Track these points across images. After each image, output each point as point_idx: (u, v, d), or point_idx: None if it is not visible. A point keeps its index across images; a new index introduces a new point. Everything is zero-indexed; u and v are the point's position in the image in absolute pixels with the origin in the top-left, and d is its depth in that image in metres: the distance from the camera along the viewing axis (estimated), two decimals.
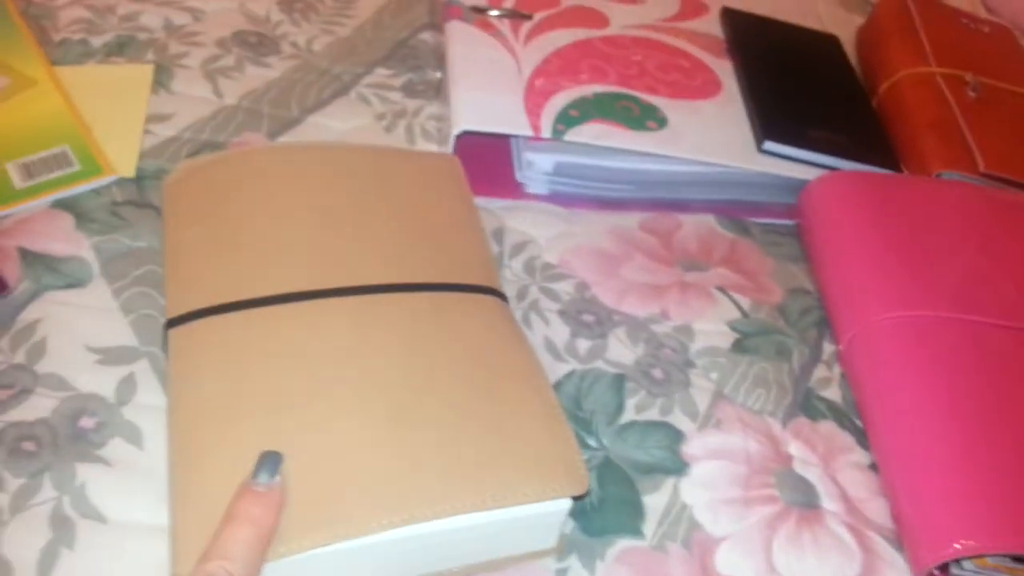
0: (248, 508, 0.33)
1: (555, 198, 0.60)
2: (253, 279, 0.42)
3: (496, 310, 0.45)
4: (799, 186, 0.60)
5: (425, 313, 0.43)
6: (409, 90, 0.66)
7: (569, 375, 0.49)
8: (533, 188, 0.60)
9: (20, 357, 0.44)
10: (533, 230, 0.58)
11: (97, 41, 0.63)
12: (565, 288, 0.54)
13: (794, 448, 0.48)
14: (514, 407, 0.40)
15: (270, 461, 0.35)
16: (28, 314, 0.46)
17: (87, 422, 0.42)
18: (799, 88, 0.66)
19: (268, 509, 0.34)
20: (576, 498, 0.38)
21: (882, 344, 0.50)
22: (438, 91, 0.66)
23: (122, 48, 0.63)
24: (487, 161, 0.60)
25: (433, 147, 0.61)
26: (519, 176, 0.60)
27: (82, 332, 0.46)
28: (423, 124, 0.63)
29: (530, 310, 0.52)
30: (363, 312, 0.42)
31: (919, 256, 0.54)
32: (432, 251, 0.46)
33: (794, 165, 0.61)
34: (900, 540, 0.44)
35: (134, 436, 0.42)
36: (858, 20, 0.81)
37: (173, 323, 0.41)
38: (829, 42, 0.74)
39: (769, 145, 0.60)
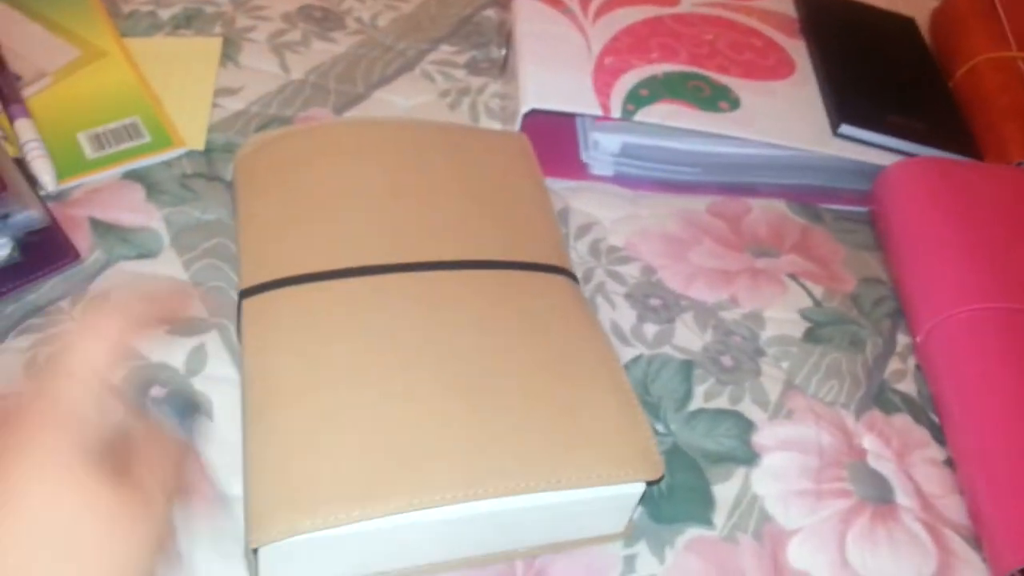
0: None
1: (620, 180, 0.59)
2: (326, 251, 0.42)
3: (567, 290, 0.44)
4: (873, 172, 0.59)
5: (497, 291, 0.42)
6: (473, 68, 0.65)
7: (636, 359, 0.48)
8: (598, 169, 0.59)
9: None
10: (598, 212, 0.57)
11: (165, 13, 0.63)
12: (631, 271, 0.53)
13: (867, 441, 0.46)
14: (587, 387, 0.39)
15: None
16: (100, 284, 0.46)
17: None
18: (876, 71, 0.64)
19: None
20: (649, 483, 0.37)
21: (961, 337, 0.48)
22: (502, 69, 0.65)
23: (190, 21, 0.63)
24: (551, 140, 0.59)
25: (497, 125, 0.61)
26: (584, 156, 0.59)
27: None
28: (487, 102, 0.62)
29: (596, 293, 0.51)
30: (436, 288, 0.41)
31: (1000, 247, 0.52)
32: (503, 228, 0.46)
33: (870, 150, 0.59)
34: (978, 540, 0.43)
35: (205, 407, 0.42)
36: (931, 2, 0.78)
37: (247, 293, 0.41)
38: (905, 24, 0.71)
39: (845, 129, 0.58)
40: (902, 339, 0.52)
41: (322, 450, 0.35)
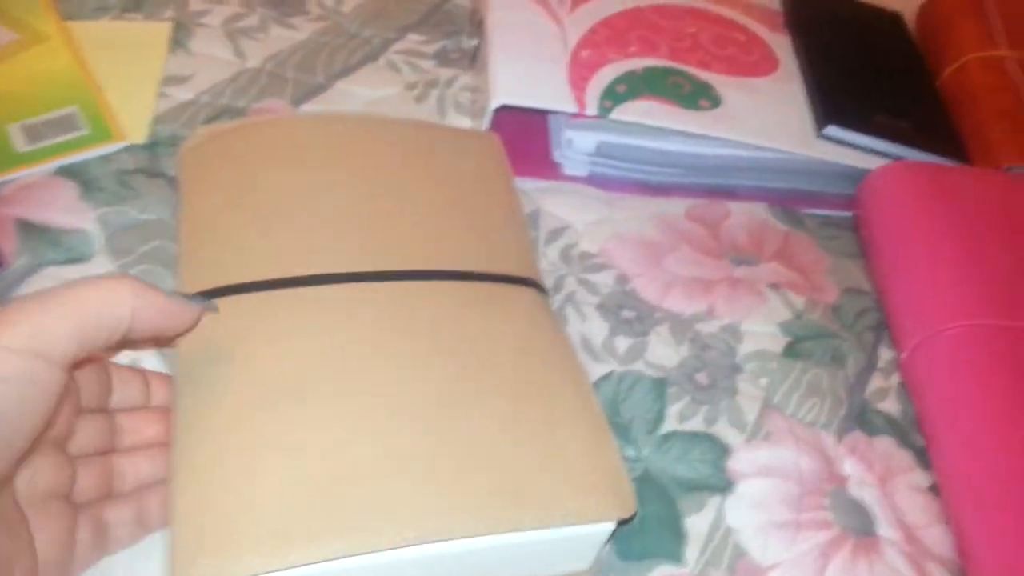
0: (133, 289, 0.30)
1: (595, 180, 0.56)
2: (274, 258, 0.39)
3: (537, 305, 0.41)
4: (857, 175, 0.56)
5: (463, 305, 0.39)
6: (442, 58, 0.62)
7: (606, 377, 0.45)
8: (571, 168, 0.56)
9: None
10: (571, 215, 0.53)
11: None
12: (604, 280, 0.50)
13: (849, 466, 0.44)
14: (556, 415, 0.36)
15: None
16: (25, 292, 0.42)
17: None
18: (862, 69, 0.61)
19: (155, 309, 0.31)
20: (621, 521, 0.35)
21: (950, 355, 0.45)
22: (473, 60, 0.62)
23: (139, 4, 0.59)
24: (522, 136, 0.56)
25: (466, 120, 0.57)
26: (557, 155, 0.56)
27: None
28: (456, 95, 0.59)
29: (566, 303, 0.48)
30: (397, 301, 0.38)
31: (991, 259, 0.49)
32: (470, 237, 0.43)
33: (855, 152, 0.56)
34: (964, 574, 0.40)
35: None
36: None
37: None
38: (892, 20, 0.69)
39: (831, 130, 0.55)
40: (885, 353, 0.50)
41: (258, 482, 0.32)
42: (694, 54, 0.58)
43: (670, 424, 0.44)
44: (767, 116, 0.56)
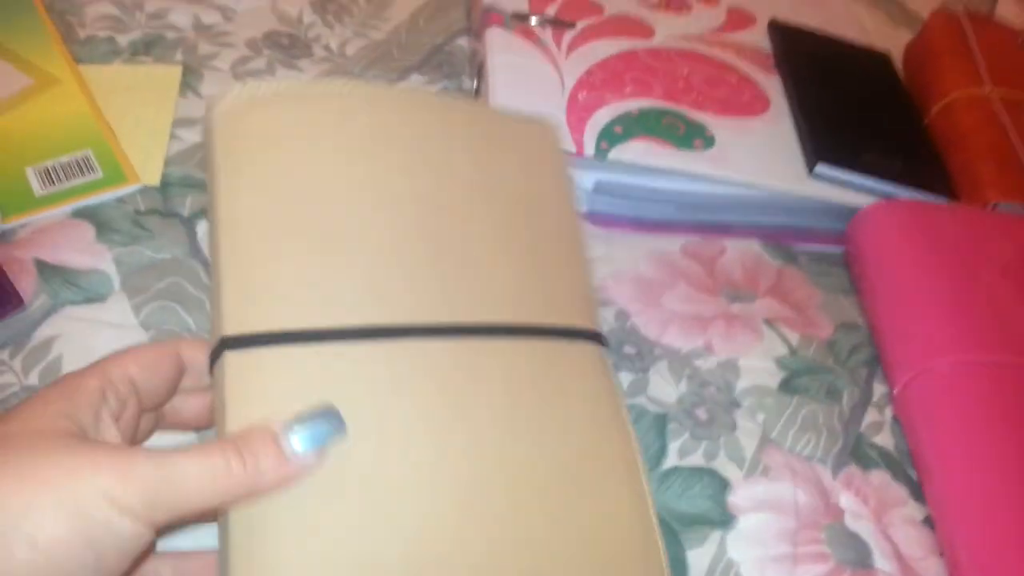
0: (252, 455, 0.28)
1: (594, 217, 0.57)
2: (341, 299, 0.34)
3: (598, 367, 0.39)
4: (848, 212, 0.58)
5: (527, 375, 0.36)
6: None
7: None
8: None
9: (33, 379, 0.42)
10: None
11: (124, 39, 0.61)
12: (606, 316, 0.51)
13: (844, 500, 0.45)
14: (605, 502, 0.36)
15: (323, 425, 0.30)
16: (43, 331, 0.44)
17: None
18: (852, 108, 0.63)
19: (266, 475, 0.29)
20: None
21: (941, 391, 0.47)
22: (474, 101, 0.63)
23: (149, 47, 0.61)
24: None
25: None
26: None
27: (100, 351, 0.43)
28: None
29: None
30: (460, 367, 0.35)
31: (978, 295, 0.51)
32: (535, 273, 0.39)
33: (845, 190, 0.58)
34: None
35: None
36: (905, 36, 0.78)
37: (232, 344, 0.32)
38: (880, 60, 0.71)
39: (821, 168, 0.57)
40: (879, 388, 0.51)
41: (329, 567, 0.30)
42: (688, 95, 0.60)
43: (672, 460, 0.45)
44: (759, 155, 0.58)
